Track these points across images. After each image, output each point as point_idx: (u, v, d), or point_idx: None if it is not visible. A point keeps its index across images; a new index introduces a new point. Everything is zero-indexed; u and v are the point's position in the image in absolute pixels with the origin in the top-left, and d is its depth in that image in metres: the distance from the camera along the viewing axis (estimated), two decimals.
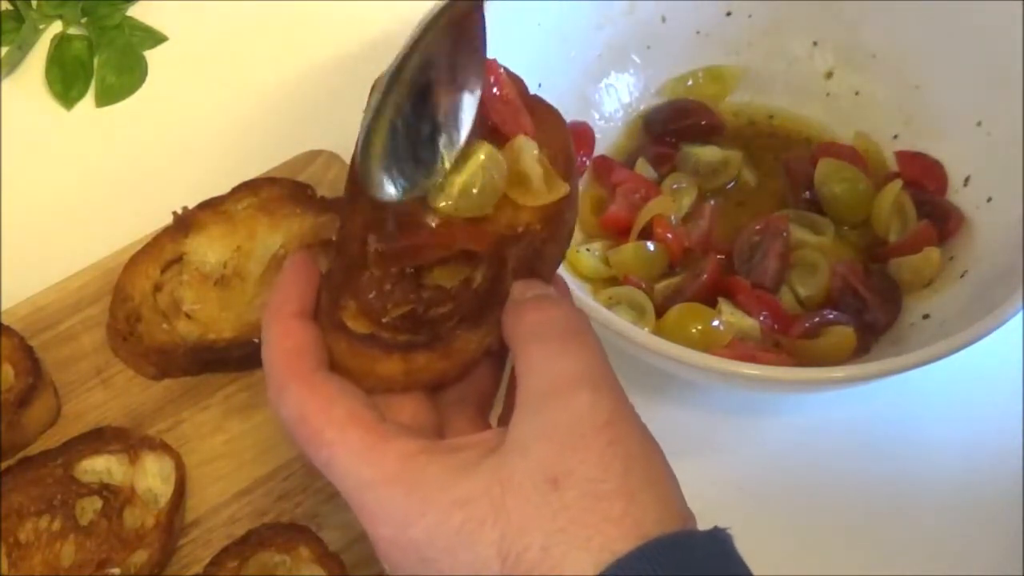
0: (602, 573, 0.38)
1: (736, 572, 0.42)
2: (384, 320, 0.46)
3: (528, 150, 0.47)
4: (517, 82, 0.50)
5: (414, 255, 0.46)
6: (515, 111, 0.49)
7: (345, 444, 0.42)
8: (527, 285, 0.46)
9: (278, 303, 0.46)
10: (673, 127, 0.76)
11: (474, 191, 0.46)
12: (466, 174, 0.46)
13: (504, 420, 0.44)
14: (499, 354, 0.48)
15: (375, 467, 0.42)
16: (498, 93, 0.49)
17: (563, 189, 0.47)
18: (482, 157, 0.46)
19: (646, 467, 0.41)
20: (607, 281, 0.70)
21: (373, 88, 0.47)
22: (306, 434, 0.43)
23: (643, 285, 0.68)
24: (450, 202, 0.46)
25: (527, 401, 0.42)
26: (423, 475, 0.41)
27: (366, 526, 0.42)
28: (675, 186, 0.73)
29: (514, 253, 0.46)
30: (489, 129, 0.48)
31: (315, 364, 0.44)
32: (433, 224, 0.47)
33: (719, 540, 0.42)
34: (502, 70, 0.49)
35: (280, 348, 0.45)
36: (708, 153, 0.74)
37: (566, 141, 0.49)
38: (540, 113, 0.50)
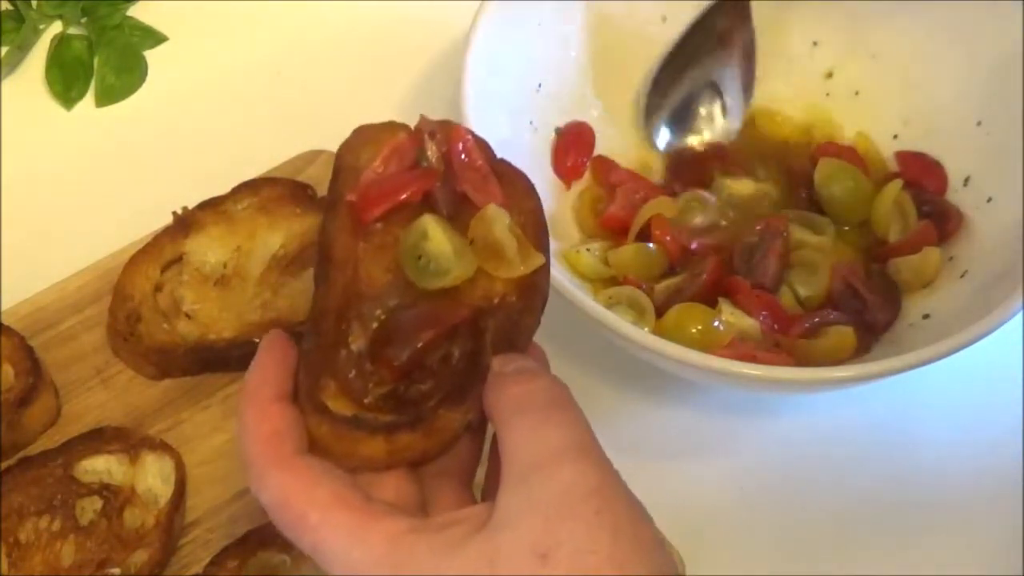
0: None
1: None
2: (366, 400, 0.45)
3: (500, 219, 0.47)
4: (484, 147, 0.50)
5: (403, 346, 0.46)
6: (484, 178, 0.49)
7: (331, 526, 0.42)
8: (507, 359, 0.46)
9: (255, 386, 0.45)
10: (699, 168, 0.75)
11: (451, 256, 0.46)
12: (435, 243, 0.47)
13: (489, 494, 0.44)
14: (480, 427, 0.48)
15: (363, 548, 0.41)
16: (466, 160, 0.49)
17: (538, 260, 0.47)
18: (431, 223, 0.47)
19: (635, 532, 0.41)
20: (607, 281, 0.70)
21: None
22: (290, 519, 0.43)
23: (643, 285, 0.68)
24: (435, 275, 0.47)
25: (512, 475, 0.42)
26: (412, 555, 0.41)
27: None
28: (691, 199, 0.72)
29: (491, 325, 0.46)
30: (458, 197, 0.48)
31: (295, 448, 0.44)
32: (411, 304, 0.47)
33: None
34: (469, 136, 0.49)
35: (258, 433, 0.44)
36: (742, 186, 0.73)
37: (537, 207, 0.49)
38: (508, 178, 0.50)
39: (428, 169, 0.49)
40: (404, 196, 0.48)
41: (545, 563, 0.39)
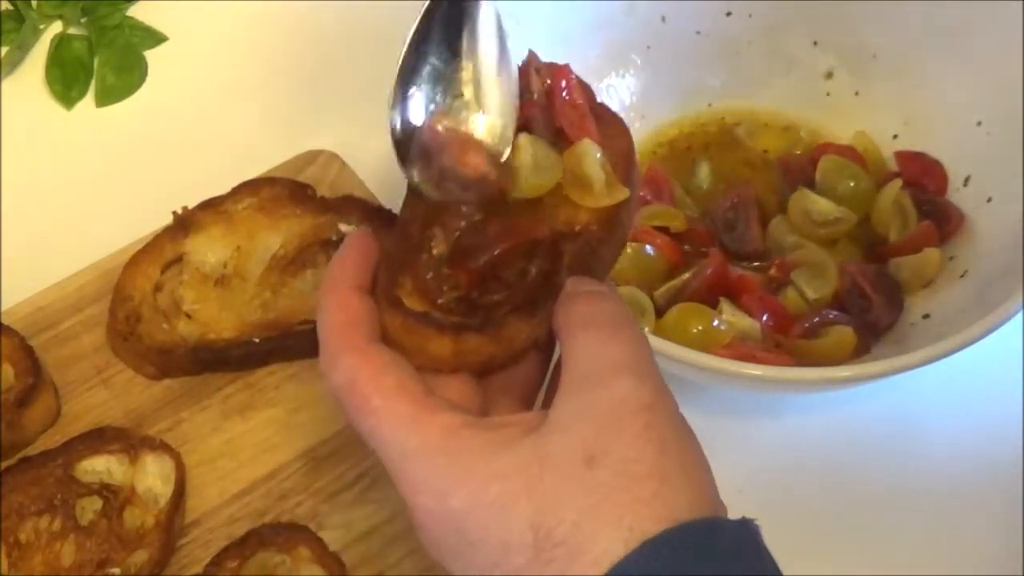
0: (630, 552, 0.39)
1: (762, 562, 0.42)
2: (439, 301, 0.46)
3: (592, 154, 0.48)
4: (586, 88, 0.51)
5: (480, 253, 0.47)
6: (582, 116, 0.50)
7: (391, 413, 0.43)
8: (580, 281, 0.47)
9: (337, 275, 0.47)
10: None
11: (530, 168, 0.48)
12: (521, 154, 0.48)
13: (547, 404, 0.45)
14: (546, 347, 0.49)
15: (419, 437, 0.43)
16: (567, 97, 0.50)
17: (623, 193, 0.48)
18: (526, 141, 0.48)
19: (680, 453, 0.42)
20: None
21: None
22: (355, 401, 0.44)
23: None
24: (516, 184, 0.48)
25: (571, 384, 0.43)
26: (465, 447, 0.42)
27: (405, 495, 0.43)
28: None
29: (570, 250, 0.47)
30: (556, 131, 0.49)
31: (369, 336, 0.45)
32: (496, 216, 0.48)
33: (748, 530, 0.43)
34: (573, 76, 0.50)
35: (336, 318, 0.46)
36: (824, 205, 0.72)
37: (629, 149, 0.50)
38: (605, 120, 0.51)
39: (531, 100, 0.50)
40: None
41: (591, 466, 0.40)
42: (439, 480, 0.42)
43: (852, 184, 0.73)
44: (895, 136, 0.76)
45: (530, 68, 0.51)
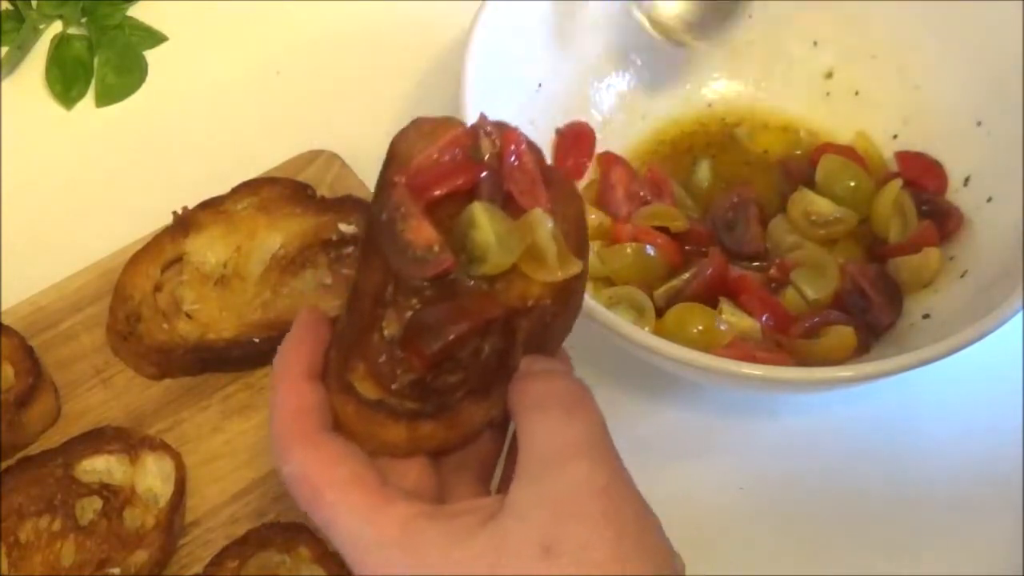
0: None
1: None
2: (393, 386, 0.46)
3: (544, 224, 0.47)
4: (535, 152, 0.50)
5: (434, 337, 0.46)
6: (532, 182, 0.49)
7: (346, 505, 0.43)
8: (535, 359, 0.47)
9: (287, 361, 0.47)
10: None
11: (494, 245, 0.47)
12: (482, 230, 0.47)
13: (503, 487, 0.45)
14: (502, 425, 0.48)
15: (375, 529, 0.42)
16: (516, 162, 0.49)
17: (576, 267, 0.47)
18: (482, 211, 0.47)
19: (639, 534, 0.42)
20: (607, 280, 0.70)
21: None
22: (308, 494, 0.44)
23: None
24: (481, 262, 0.47)
25: (527, 468, 0.43)
26: (422, 539, 0.42)
27: None
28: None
29: (524, 326, 0.46)
30: (505, 198, 0.49)
31: (320, 425, 0.45)
32: (451, 296, 0.47)
33: None
34: (523, 139, 0.50)
35: (286, 408, 0.45)
36: (824, 205, 0.72)
37: (580, 214, 0.50)
38: (555, 183, 0.50)
39: (480, 163, 0.49)
40: (455, 182, 0.49)
41: (548, 556, 0.40)
42: (397, 572, 0.42)
43: (852, 184, 0.73)
44: (895, 136, 0.76)
45: (479, 130, 0.50)
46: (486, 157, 0.49)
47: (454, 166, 0.49)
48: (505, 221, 0.47)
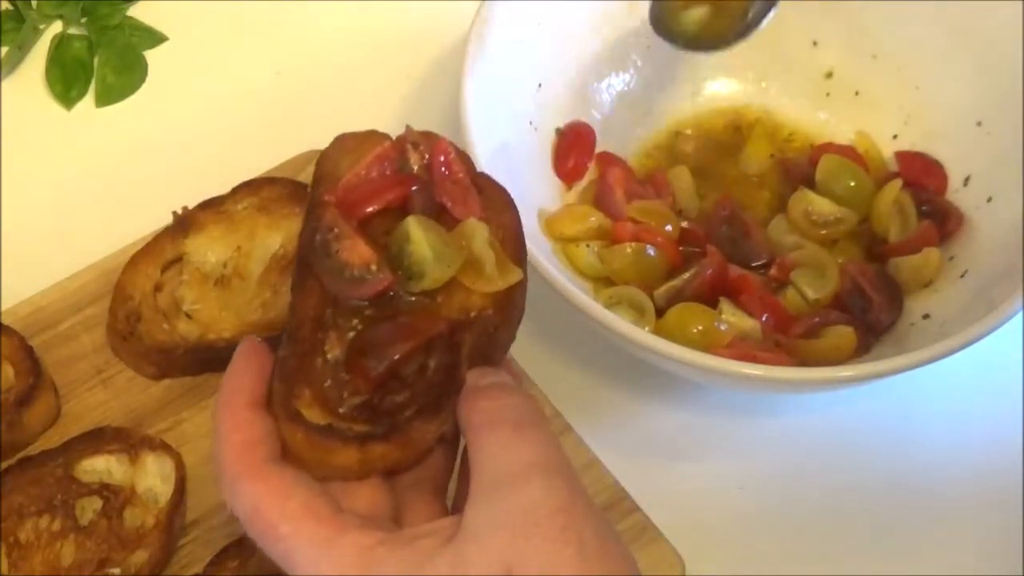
0: None
1: None
2: (340, 410, 0.45)
3: (479, 233, 0.47)
4: (465, 160, 0.50)
5: (378, 358, 0.45)
6: (464, 191, 0.48)
7: (301, 537, 0.42)
8: (482, 373, 0.46)
9: (229, 393, 0.46)
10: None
11: (432, 260, 0.46)
12: (418, 245, 0.46)
13: (459, 506, 0.44)
14: (453, 440, 0.48)
15: (332, 560, 0.42)
16: (447, 173, 0.48)
17: (515, 275, 0.47)
18: (416, 226, 0.47)
19: (601, 551, 0.41)
20: (606, 280, 0.70)
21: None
22: (261, 528, 0.43)
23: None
24: (420, 278, 0.46)
25: (481, 489, 0.42)
26: (380, 568, 0.41)
27: None
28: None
29: (468, 339, 0.46)
30: (438, 210, 0.48)
31: (267, 456, 0.44)
32: (392, 314, 0.47)
33: None
34: (451, 149, 0.49)
35: (231, 441, 0.44)
36: (824, 205, 0.72)
37: (515, 222, 0.49)
38: (489, 192, 0.49)
39: (410, 176, 0.49)
40: (386, 198, 0.48)
41: None
42: None
43: (852, 184, 0.73)
44: (895, 136, 0.76)
45: (405, 143, 0.49)
46: (415, 169, 0.49)
47: (384, 181, 0.49)
48: (440, 234, 0.47)
